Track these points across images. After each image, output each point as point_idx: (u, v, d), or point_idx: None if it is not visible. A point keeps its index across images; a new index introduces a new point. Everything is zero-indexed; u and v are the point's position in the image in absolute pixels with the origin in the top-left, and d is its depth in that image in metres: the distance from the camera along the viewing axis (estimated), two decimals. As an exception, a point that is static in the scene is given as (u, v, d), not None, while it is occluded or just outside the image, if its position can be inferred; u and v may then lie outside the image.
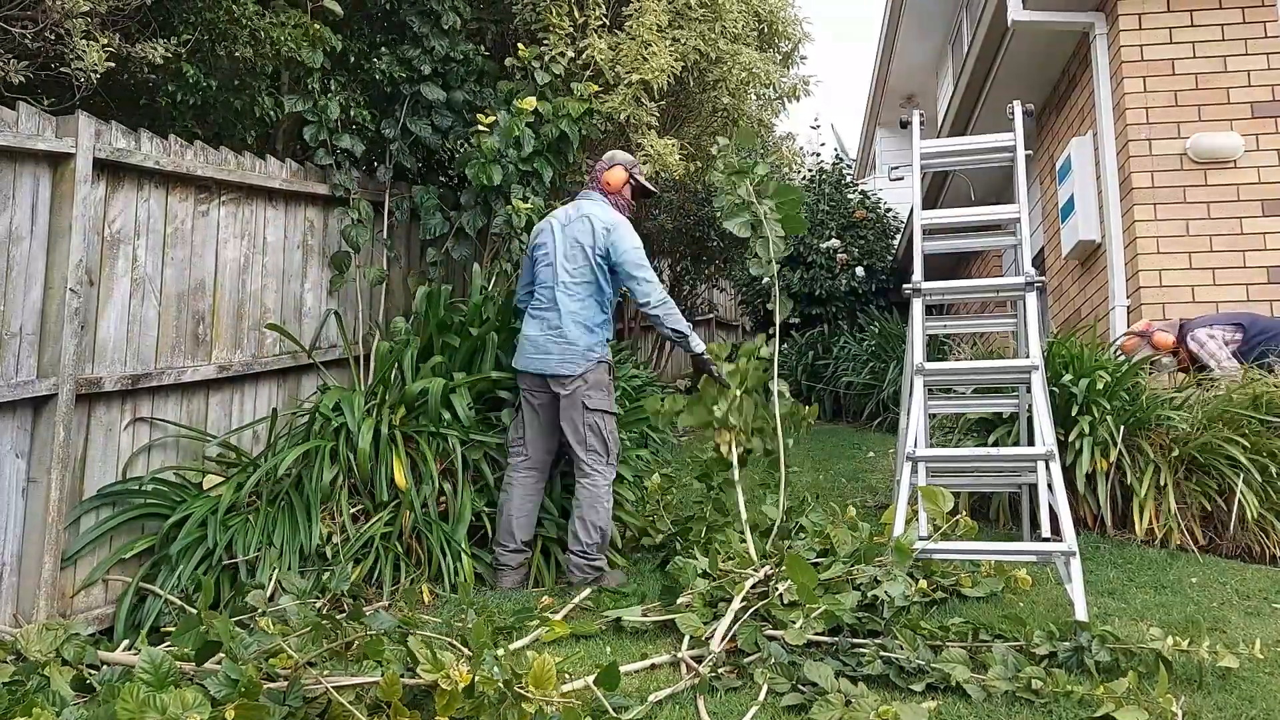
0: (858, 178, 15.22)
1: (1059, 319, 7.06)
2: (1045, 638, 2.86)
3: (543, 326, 4.06)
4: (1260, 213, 5.49)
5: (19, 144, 3.44)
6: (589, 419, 3.98)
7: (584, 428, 3.98)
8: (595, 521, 3.91)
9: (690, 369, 4.94)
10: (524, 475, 4.05)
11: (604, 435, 4.01)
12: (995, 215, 4.34)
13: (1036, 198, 7.72)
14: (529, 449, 4.08)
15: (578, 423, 3.98)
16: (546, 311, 4.07)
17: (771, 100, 7.01)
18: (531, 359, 4.05)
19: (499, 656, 2.41)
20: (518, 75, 5.24)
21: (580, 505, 3.94)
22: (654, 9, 5.40)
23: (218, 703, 2.18)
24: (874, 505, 5.01)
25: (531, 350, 4.06)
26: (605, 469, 3.99)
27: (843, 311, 10.36)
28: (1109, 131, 5.89)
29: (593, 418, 3.98)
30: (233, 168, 4.34)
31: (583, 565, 3.88)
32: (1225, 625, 3.18)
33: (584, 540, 3.89)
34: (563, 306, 4.04)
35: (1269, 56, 5.64)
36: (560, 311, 4.03)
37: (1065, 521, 3.29)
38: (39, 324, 3.54)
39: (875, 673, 2.73)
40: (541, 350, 4.03)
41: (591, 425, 3.98)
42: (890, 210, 11.53)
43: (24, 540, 3.45)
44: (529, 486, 4.05)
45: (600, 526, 3.92)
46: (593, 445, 3.98)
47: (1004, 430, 4.69)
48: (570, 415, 3.99)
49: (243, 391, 4.40)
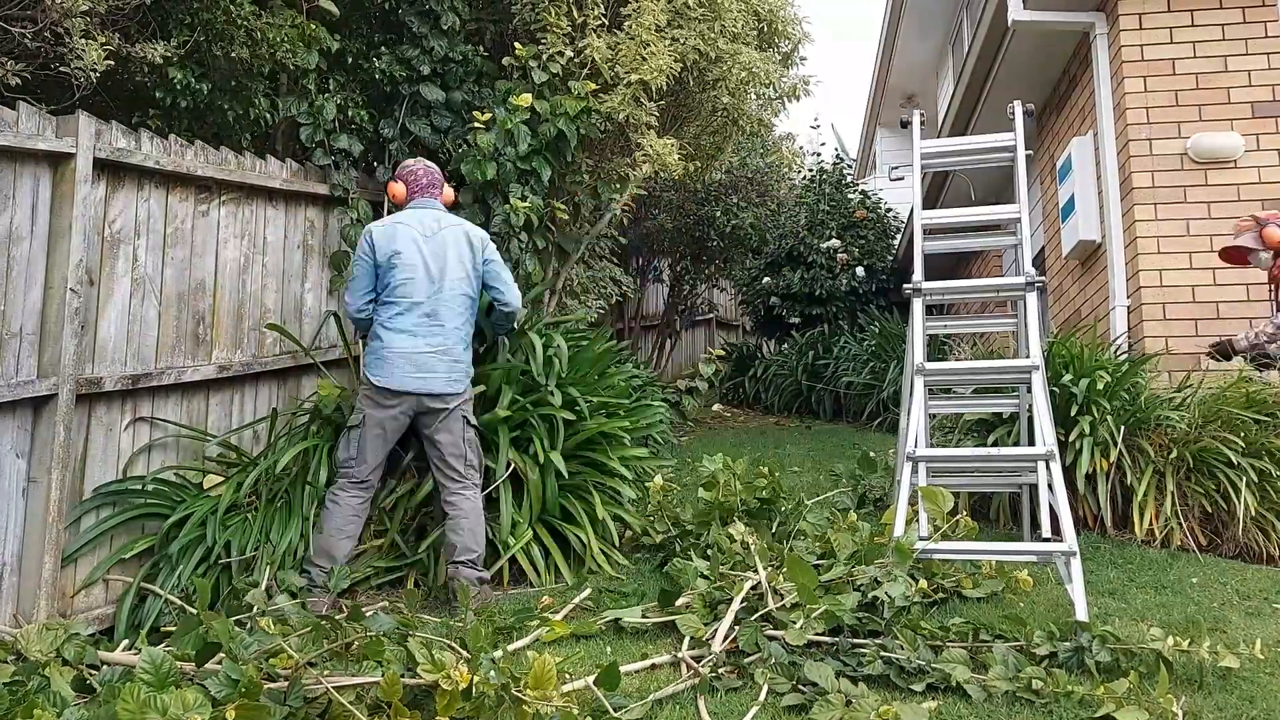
0: (858, 178, 15.22)
1: (1059, 319, 7.06)
2: (1046, 638, 2.86)
3: (424, 343, 3.85)
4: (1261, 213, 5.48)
5: (19, 144, 3.44)
6: (469, 434, 3.94)
7: (464, 443, 3.91)
8: (481, 534, 3.85)
9: (691, 369, 4.93)
10: (353, 496, 3.82)
11: (478, 449, 4.00)
12: (995, 215, 4.34)
13: (1037, 198, 7.72)
14: (365, 470, 3.84)
15: (458, 438, 3.90)
16: (427, 327, 3.87)
17: (771, 100, 6.99)
18: (411, 378, 3.81)
19: (496, 659, 2.41)
20: (515, 75, 5.24)
21: (467, 516, 3.83)
22: (652, 9, 5.39)
23: (218, 703, 2.18)
24: (871, 501, 5.00)
25: (411, 369, 3.82)
26: (479, 482, 3.96)
27: (843, 311, 10.36)
28: (1109, 131, 5.89)
29: (471, 433, 3.95)
30: (233, 168, 4.34)
31: (473, 576, 3.76)
32: (1226, 625, 3.18)
33: (475, 549, 3.79)
34: (448, 323, 3.90)
35: (1269, 56, 5.64)
36: (446, 328, 3.89)
37: (1065, 521, 3.30)
38: (39, 324, 3.54)
39: (875, 673, 2.73)
40: (425, 369, 3.83)
41: (471, 441, 3.95)
42: (890, 210, 11.53)
43: (24, 540, 3.45)
44: (355, 508, 3.81)
45: (483, 539, 3.88)
46: (471, 460, 3.93)
47: (1004, 430, 4.69)
48: (450, 428, 3.88)
49: (243, 391, 4.40)
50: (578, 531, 4.21)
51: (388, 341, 3.86)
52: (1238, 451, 4.15)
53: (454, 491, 3.88)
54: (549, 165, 5.15)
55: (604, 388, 4.84)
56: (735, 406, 10.35)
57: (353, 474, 3.83)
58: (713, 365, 7.82)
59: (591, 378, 4.81)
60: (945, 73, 12.06)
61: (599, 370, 4.93)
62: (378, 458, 3.87)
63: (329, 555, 3.72)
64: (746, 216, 9.98)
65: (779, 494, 4.41)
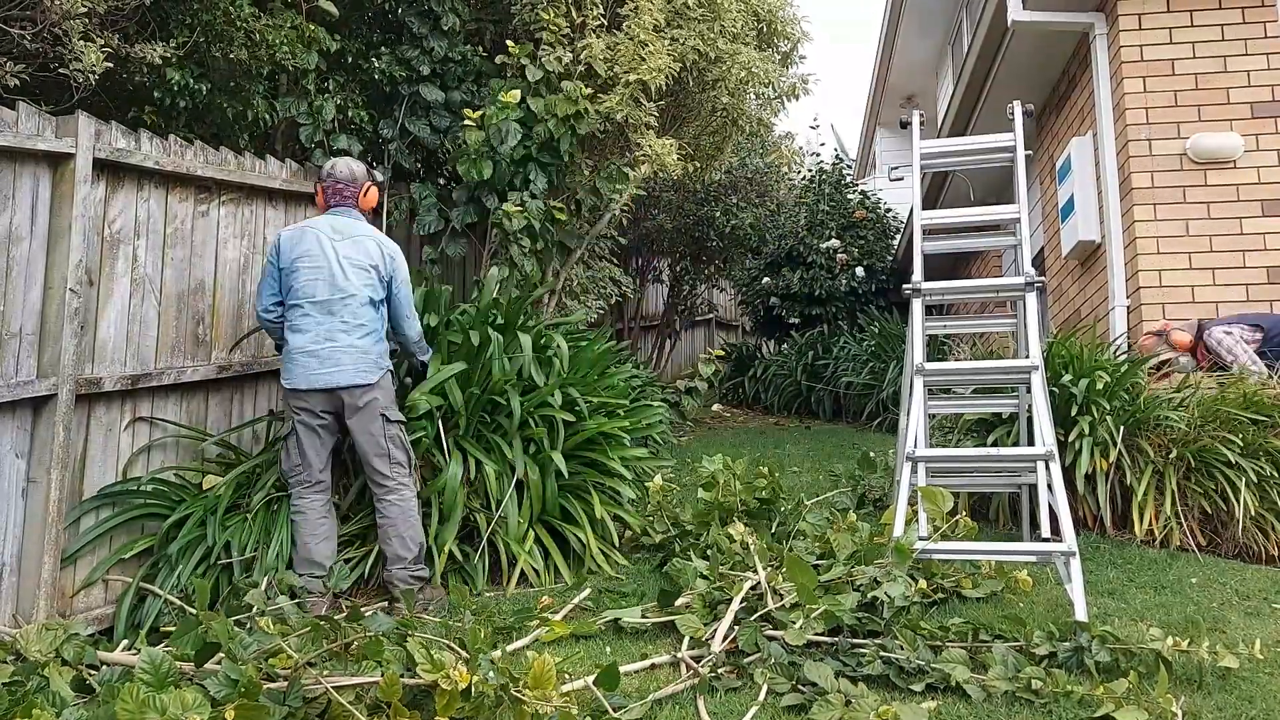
0: (858, 177, 15.22)
1: (1059, 319, 7.06)
2: (1045, 638, 2.86)
3: (326, 339, 3.79)
4: (1260, 213, 5.48)
5: (19, 144, 3.44)
6: (390, 430, 3.83)
7: (386, 440, 3.82)
8: (413, 536, 3.80)
9: (691, 369, 4.93)
10: (313, 499, 3.80)
11: (405, 446, 3.89)
12: (995, 215, 4.34)
13: (1036, 198, 7.72)
14: (313, 471, 3.82)
15: (378, 436, 3.80)
16: (329, 322, 3.80)
17: (771, 100, 6.99)
18: (317, 374, 3.76)
19: (495, 660, 2.41)
20: (509, 74, 5.24)
21: (394, 524, 3.77)
22: (650, 9, 5.40)
23: (218, 703, 2.18)
24: (871, 501, 5.00)
25: (315, 365, 3.76)
26: (409, 480, 3.87)
27: (843, 311, 10.36)
28: (1109, 132, 5.89)
29: (393, 429, 3.85)
30: (233, 168, 4.34)
31: (406, 577, 3.75)
32: (1225, 625, 3.18)
33: (405, 556, 3.77)
34: (351, 318, 3.82)
35: (1269, 56, 5.64)
36: (349, 323, 3.81)
37: (1065, 522, 3.29)
38: (39, 324, 3.54)
39: (875, 673, 2.73)
40: (329, 363, 3.76)
41: (393, 438, 3.84)
42: (890, 210, 11.53)
43: (24, 540, 3.45)
44: (319, 509, 3.81)
45: (419, 540, 3.82)
46: (397, 458, 3.84)
47: (1004, 430, 4.68)
48: (368, 429, 3.80)
49: (243, 391, 4.41)
50: (577, 531, 4.21)
51: (291, 342, 3.83)
52: (1237, 451, 4.15)
53: (380, 497, 3.82)
54: (545, 168, 5.15)
55: (604, 388, 4.84)
56: (735, 406, 10.35)
57: (303, 479, 3.81)
58: (712, 366, 7.80)
59: (591, 378, 4.81)
60: (945, 73, 12.06)
61: (599, 370, 4.93)
62: (320, 458, 3.84)
63: (312, 563, 3.72)
64: (746, 217, 9.99)
65: (778, 494, 4.42)
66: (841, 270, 10.44)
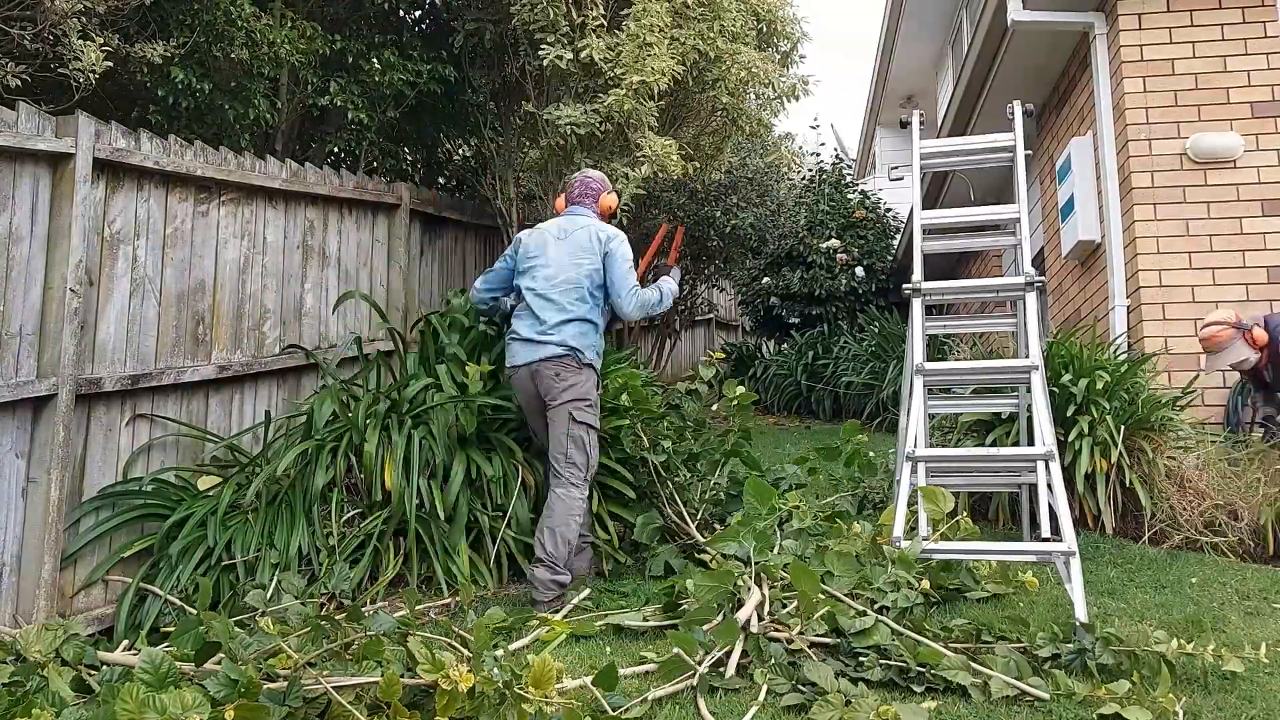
0: (858, 177, 15.21)
1: (1059, 319, 7.05)
2: (1048, 639, 2.86)
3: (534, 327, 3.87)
4: (1260, 213, 5.48)
5: (19, 144, 3.44)
6: (575, 432, 3.79)
7: (567, 439, 3.79)
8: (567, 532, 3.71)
9: (691, 370, 4.92)
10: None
11: (585, 451, 3.82)
12: (995, 215, 4.34)
13: (1036, 198, 7.72)
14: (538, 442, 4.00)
15: (561, 433, 3.80)
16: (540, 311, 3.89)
17: (771, 100, 6.97)
18: (520, 354, 3.89)
19: (499, 658, 2.41)
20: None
21: (551, 516, 3.72)
22: (656, 9, 5.39)
23: (217, 703, 2.18)
24: (871, 504, 5.00)
25: (519, 347, 3.90)
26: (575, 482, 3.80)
27: (843, 311, 10.35)
28: (1109, 131, 5.88)
29: (580, 431, 3.80)
30: (233, 168, 4.34)
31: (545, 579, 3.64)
32: (1225, 625, 3.18)
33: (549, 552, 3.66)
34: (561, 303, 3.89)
35: (1269, 56, 5.64)
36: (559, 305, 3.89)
37: (1065, 521, 3.29)
38: (39, 324, 3.54)
39: (875, 679, 2.72)
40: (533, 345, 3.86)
41: (576, 439, 3.79)
42: (890, 210, 11.52)
43: (24, 540, 3.45)
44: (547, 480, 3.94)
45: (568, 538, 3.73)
46: (573, 459, 3.79)
47: (1003, 430, 4.68)
48: (555, 419, 3.82)
49: (243, 392, 4.40)
50: (577, 531, 4.20)
51: (512, 328, 4.02)
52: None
53: (550, 487, 3.86)
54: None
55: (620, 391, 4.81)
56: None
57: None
58: (712, 369, 7.78)
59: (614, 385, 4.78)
60: (945, 73, 12.06)
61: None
62: (538, 437, 4.08)
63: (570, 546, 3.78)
64: (746, 217, 9.97)
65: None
66: (841, 270, 10.43)
